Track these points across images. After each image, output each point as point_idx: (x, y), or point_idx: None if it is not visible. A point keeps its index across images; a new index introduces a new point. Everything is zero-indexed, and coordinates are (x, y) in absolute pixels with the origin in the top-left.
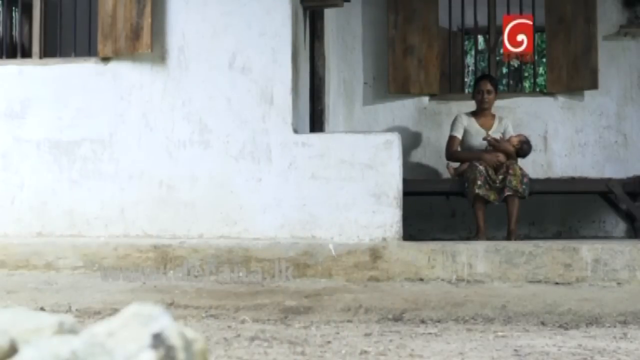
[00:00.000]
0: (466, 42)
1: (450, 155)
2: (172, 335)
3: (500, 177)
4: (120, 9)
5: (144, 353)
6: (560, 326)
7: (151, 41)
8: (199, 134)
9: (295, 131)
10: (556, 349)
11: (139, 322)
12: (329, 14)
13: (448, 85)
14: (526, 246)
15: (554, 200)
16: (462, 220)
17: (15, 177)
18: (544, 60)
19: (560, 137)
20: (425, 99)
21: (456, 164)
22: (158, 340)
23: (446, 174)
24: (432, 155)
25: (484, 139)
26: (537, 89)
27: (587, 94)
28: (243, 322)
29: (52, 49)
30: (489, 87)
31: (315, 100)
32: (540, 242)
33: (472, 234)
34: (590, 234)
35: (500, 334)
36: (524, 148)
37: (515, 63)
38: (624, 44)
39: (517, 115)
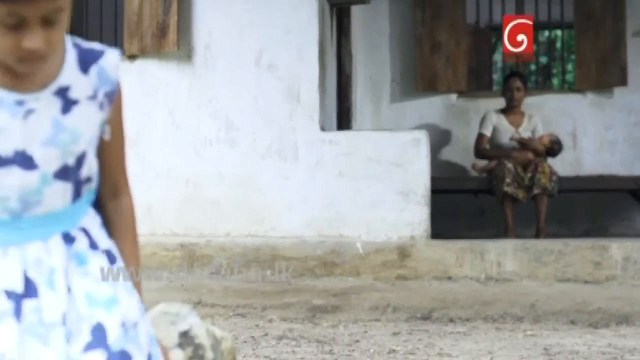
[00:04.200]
0: (494, 39)
1: (479, 152)
2: (201, 333)
3: (529, 175)
4: (146, 7)
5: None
6: (590, 325)
7: (177, 39)
8: (226, 132)
9: (322, 129)
10: (586, 347)
11: (167, 320)
12: (356, 11)
13: (476, 83)
14: (555, 244)
15: (583, 198)
16: (491, 219)
17: None
18: (573, 57)
19: (589, 134)
20: (453, 96)
21: (482, 162)
22: (186, 338)
23: (474, 172)
24: (460, 153)
25: (511, 138)
26: (566, 86)
27: (616, 90)
28: (271, 320)
29: None
30: (518, 84)
31: (342, 97)
32: (570, 241)
33: (500, 232)
34: (620, 232)
35: (529, 332)
36: (554, 148)
37: (543, 60)
38: None
39: (545, 112)
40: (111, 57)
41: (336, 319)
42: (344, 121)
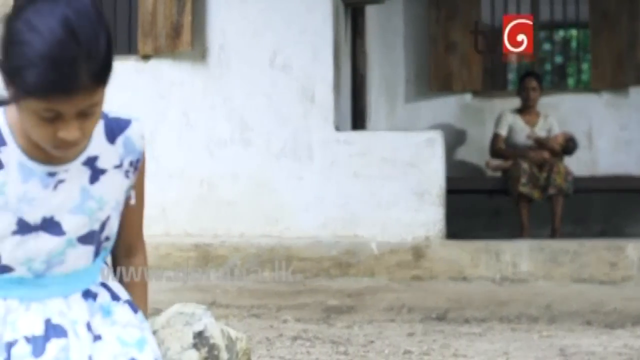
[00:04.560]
0: None
1: (495, 152)
2: (216, 334)
3: (545, 175)
4: (160, 7)
5: (187, 352)
6: (606, 326)
7: (191, 39)
8: (240, 132)
9: (337, 129)
10: (602, 348)
11: (183, 321)
12: (370, 11)
13: (490, 83)
14: (571, 245)
15: (599, 198)
16: (506, 219)
17: None
18: (588, 56)
19: (605, 134)
20: (468, 96)
21: (496, 161)
22: (201, 339)
23: (488, 171)
24: (475, 153)
25: (529, 137)
26: (581, 86)
27: (632, 90)
28: (285, 321)
29: None
30: (534, 84)
31: (356, 97)
32: (585, 241)
33: (515, 233)
34: (636, 232)
35: (545, 333)
36: (569, 146)
37: (559, 59)
38: None
39: (561, 112)
40: (137, 127)
41: (351, 320)
42: (358, 121)
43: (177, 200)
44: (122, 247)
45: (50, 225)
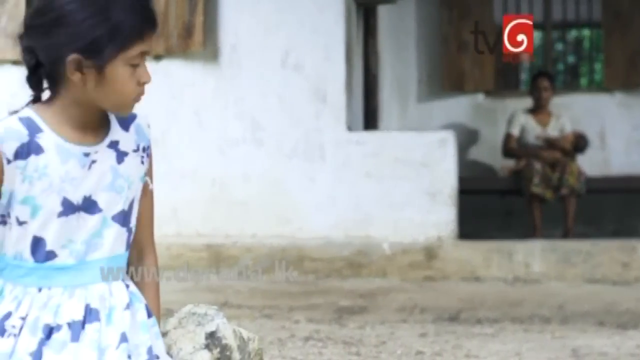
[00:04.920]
0: None
1: (507, 152)
2: (228, 334)
3: (557, 175)
4: (172, 6)
5: (199, 352)
6: (619, 326)
7: (203, 39)
8: (252, 132)
9: (349, 129)
10: (615, 349)
11: (195, 321)
12: (382, 11)
13: (503, 82)
14: (583, 245)
15: (611, 198)
16: (518, 219)
17: None
18: (601, 56)
19: (617, 134)
20: (480, 96)
21: (510, 163)
22: (213, 339)
23: (503, 173)
24: (488, 152)
25: (537, 137)
26: (594, 86)
27: None
28: (297, 322)
29: None
30: (546, 84)
31: (368, 97)
32: (598, 241)
33: (528, 233)
34: None
35: (557, 334)
36: (580, 143)
37: (571, 59)
38: None
39: (573, 112)
40: (142, 118)
41: (363, 320)
42: (370, 121)
43: (189, 200)
44: (134, 247)
45: (89, 205)
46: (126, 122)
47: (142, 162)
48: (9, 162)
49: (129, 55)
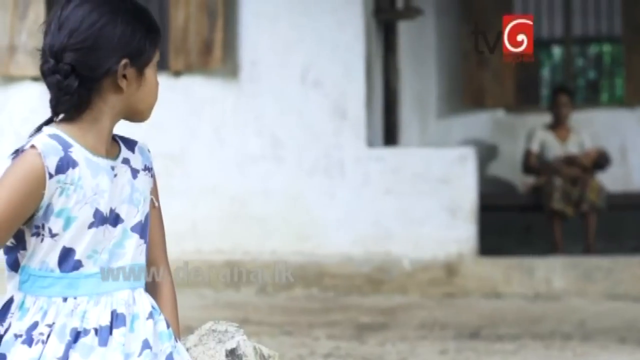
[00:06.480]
0: (541, 53)
1: (527, 168)
2: (248, 352)
3: (578, 191)
4: (191, 23)
5: None
6: None
7: (223, 55)
8: (271, 148)
9: (369, 145)
10: None
11: (216, 338)
12: (402, 26)
13: (523, 98)
14: (604, 261)
15: (632, 214)
16: (539, 235)
17: None
18: (622, 71)
19: (639, 149)
20: (500, 111)
21: (530, 180)
22: (234, 356)
23: (524, 190)
24: (508, 168)
25: (555, 155)
26: (615, 101)
27: None
28: (317, 339)
29: None
30: (565, 100)
31: (388, 113)
32: (619, 258)
33: (548, 249)
34: None
35: (578, 350)
36: (602, 162)
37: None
38: None
39: (594, 127)
40: (143, 144)
41: (383, 337)
42: (390, 137)
43: (209, 216)
44: (148, 265)
45: (114, 216)
46: (130, 144)
47: (149, 182)
48: (51, 176)
49: (155, 58)
